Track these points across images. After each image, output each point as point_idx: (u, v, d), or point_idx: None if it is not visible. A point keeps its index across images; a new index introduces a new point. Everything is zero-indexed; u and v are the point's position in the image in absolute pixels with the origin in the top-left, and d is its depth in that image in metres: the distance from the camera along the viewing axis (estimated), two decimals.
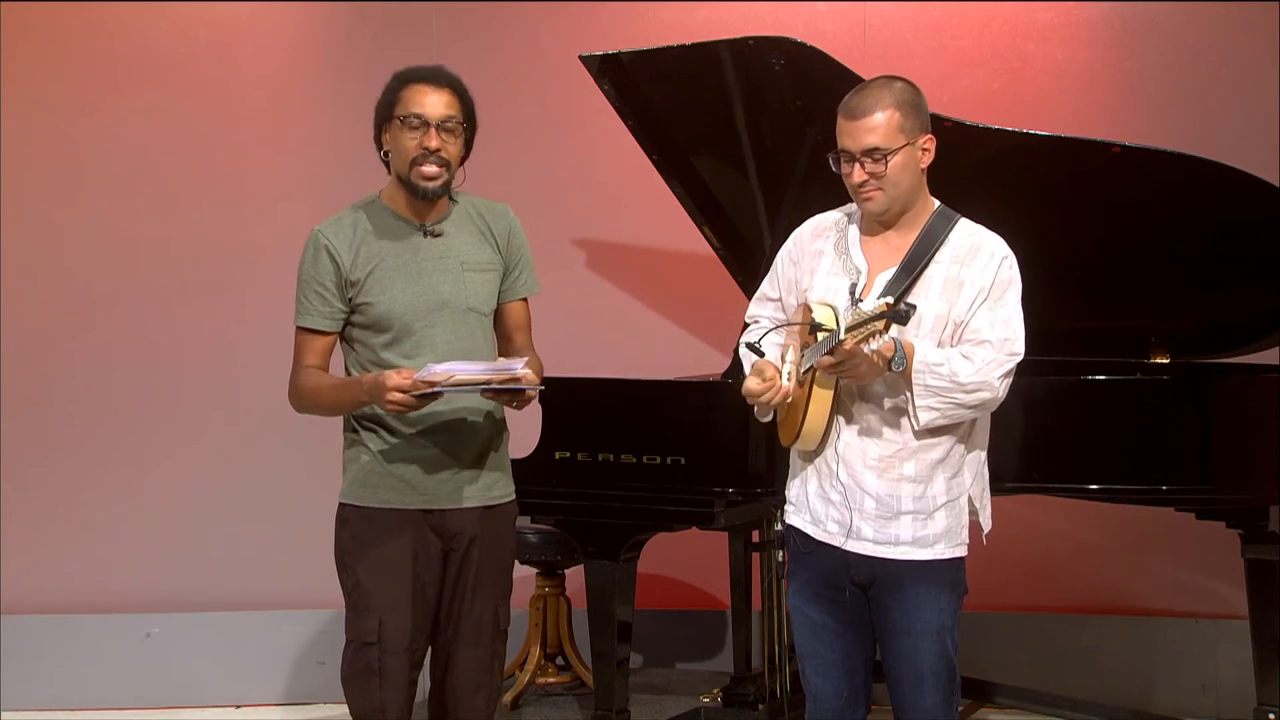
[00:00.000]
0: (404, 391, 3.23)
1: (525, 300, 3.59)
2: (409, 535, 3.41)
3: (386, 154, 3.45)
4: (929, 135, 3.19)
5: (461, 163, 3.44)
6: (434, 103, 3.36)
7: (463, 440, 3.43)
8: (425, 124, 3.35)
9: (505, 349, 3.54)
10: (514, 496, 3.59)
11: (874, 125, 3.12)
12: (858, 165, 3.14)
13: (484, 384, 3.28)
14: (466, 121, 3.41)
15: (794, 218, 3.58)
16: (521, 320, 3.59)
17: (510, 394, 3.34)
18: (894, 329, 3.03)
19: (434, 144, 3.35)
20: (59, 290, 5.72)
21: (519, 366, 3.31)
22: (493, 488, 3.51)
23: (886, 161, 3.12)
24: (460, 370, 3.26)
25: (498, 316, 3.54)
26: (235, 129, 5.74)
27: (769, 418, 3.33)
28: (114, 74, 5.74)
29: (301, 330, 3.46)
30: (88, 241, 5.72)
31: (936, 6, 5.57)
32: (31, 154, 5.70)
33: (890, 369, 3.05)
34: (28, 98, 5.69)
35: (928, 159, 3.20)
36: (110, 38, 5.75)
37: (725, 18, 5.46)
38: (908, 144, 3.14)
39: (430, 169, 3.36)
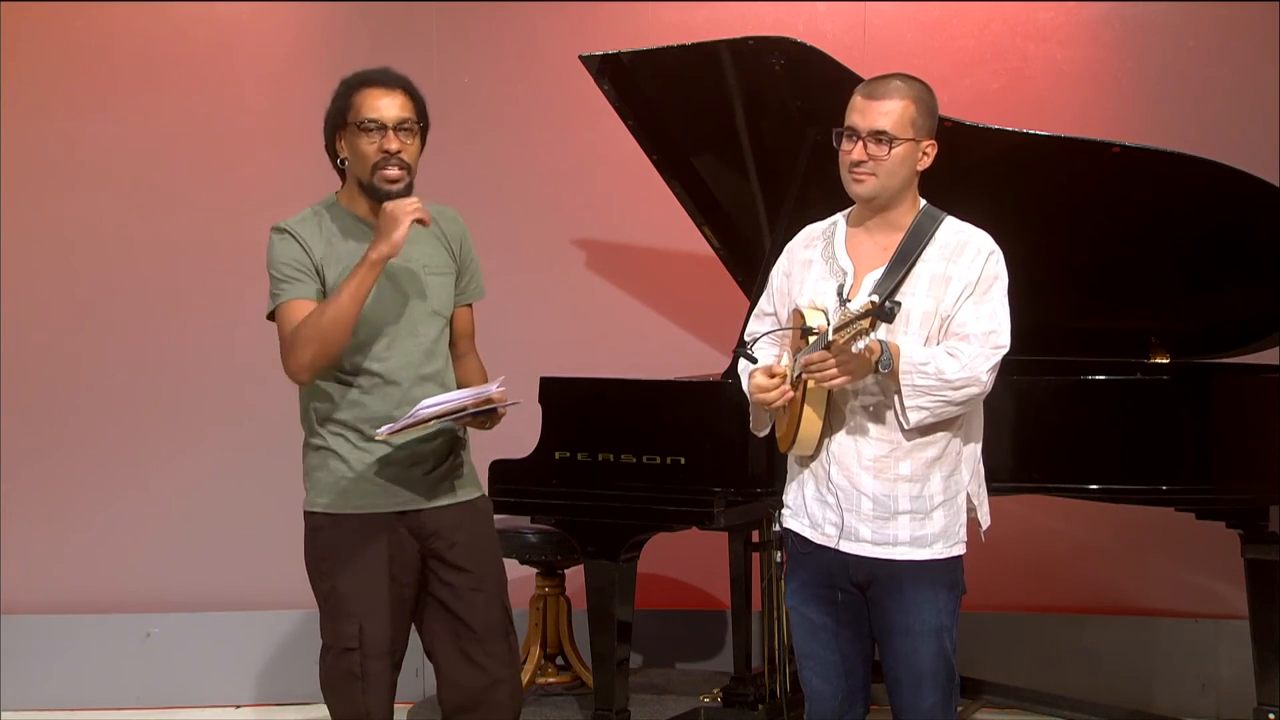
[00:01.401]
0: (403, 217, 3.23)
1: (471, 306, 3.61)
2: (384, 538, 3.41)
3: (343, 161, 3.43)
4: (933, 141, 3.21)
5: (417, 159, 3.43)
6: (388, 105, 3.35)
7: (430, 441, 3.43)
8: (382, 127, 3.34)
9: (450, 353, 3.56)
10: (484, 493, 3.60)
11: (889, 109, 3.14)
12: (860, 144, 3.15)
13: (461, 411, 3.31)
14: (421, 120, 3.41)
15: (794, 218, 3.57)
16: (467, 326, 3.61)
17: (484, 415, 3.37)
18: (882, 328, 3.04)
19: (394, 146, 3.33)
20: (59, 290, 5.72)
21: (494, 388, 3.34)
22: (464, 484, 3.52)
23: (891, 147, 3.13)
24: (449, 400, 3.29)
25: None
26: (235, 129, 5.74)
27: (765, 431, 3.34)
28: (114, 74, 5.74)
29: (285, 304, 3.36)
30: (88, 241, 5.71)
31: (936, 6, 5.57)
32: (31, 154, 5.69)
33: (878, 369, 3.05)
34: (28, 98, 5.69)
35: (925, 163, 3.21)
36: (110, 38, 5.75)
37: (725, 18, 5.46)
38: (914, 140, 3.16)
39: (393, 172, 3.34)
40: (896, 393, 3.11)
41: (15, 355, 5.67)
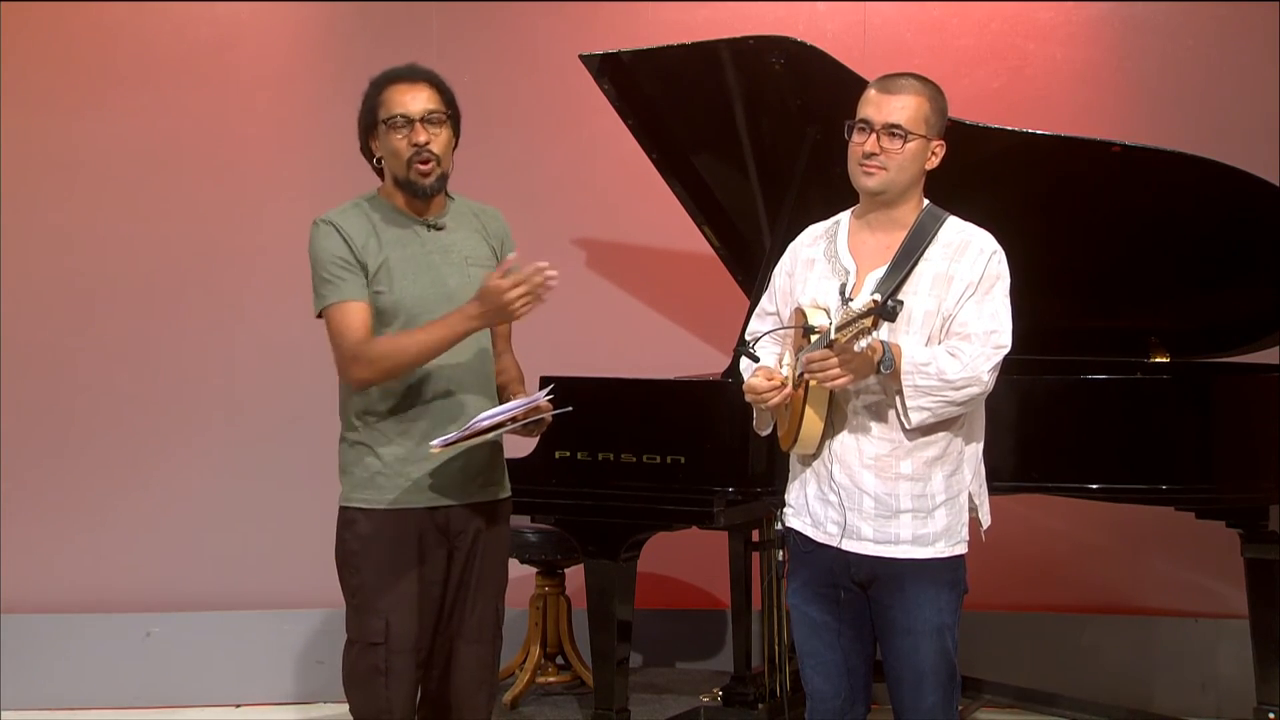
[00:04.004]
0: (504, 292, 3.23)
1: None
2: (416, 535, 3.42)
3: (379, 160, 3.47)
4: (942, 142, 3.22)
5: (453, 150, 3.45)
6: (414, 98, 3.39)
7: None
8: (410, 121, 3.37)
9: None
10: (510, 493, 3.61)
11: (904, 104, 3.16)
12: (874, 136, 3.16)
13: (513, 422, 3.34)
14: (450, 110, 3.44)
15: (794, 217, 3.57)
16: (505, 327, 3.62)
17: (533, 423, 3.39)
18: (884, 327, 3.04)
19: (423, 138, 3.37)
20: (59, 290, 5.72)
21: (542, 397, 3.37)
22: (493, 484, 3.53)
23: (905, 141, 3.14)
24: (501, 413, 3.31)
25: None
26: (235, 128, 5.75)
27: (768, 430, 3.34)
28: (114, 74, 5.74)
29: (336, 306, 3.37)
30: (88, 241, 5.72)
31: (936, 6, 5.57)
32: (31, 154, 5.70)
33: (879, 370, 3.06)
34: (28, 98, 5.69)
35: (933, 163, 3.22)
36: (110, 37, 5.75)
37: (725, 18, 5.46)
38: (925, 137, 3.17)
39: (424, 165, 3.38)
40: (898, 393, 3.11)
41: (15, 355, 5.67)
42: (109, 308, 5.72)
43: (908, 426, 3.13)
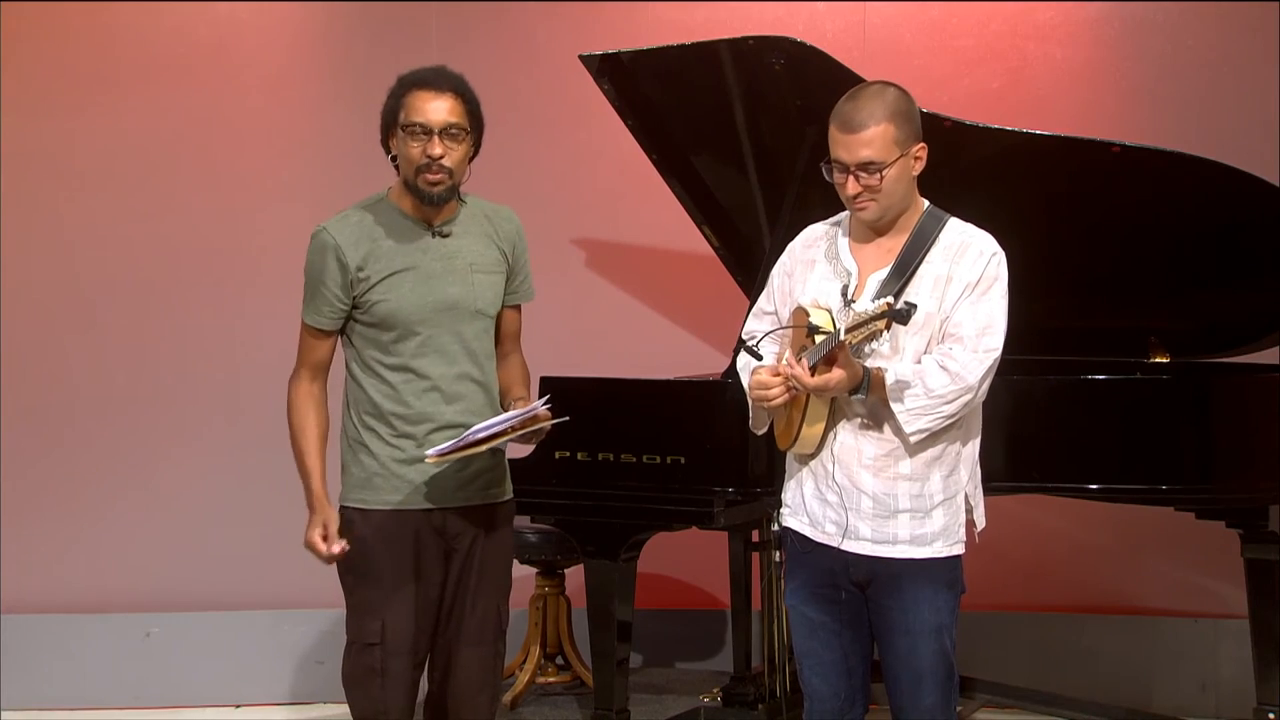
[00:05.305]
0: (314, 547, 3.41)
1: (519, 307, 3.61)
2: (413, 536, 3.42)
3: (395, 157, 3.45)
4: (921, 143, 3.18)
5: (470, 161, 3.43)
6: (436, 109, 3.35)
7: None
8: (428, 132, 3.34)
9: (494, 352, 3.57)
10: (512, 495, 3.60)
11: (869, 139, 3.10)
12: (851, 178, 3.13)
13: (510, 433, 3.33)
14: (471, 123, 3.40)
15: (794, 217, 3.56)
16: (514, 327, 3.61)
17: (531, 434, 3.40)
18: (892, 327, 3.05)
19: (437, 151, 3.34)
20: (59, 290, 5.72)
21: (540, 407, 3.36)
22: (493, 486, 3.52)
23: (882, 175, 3.11)
24: (497, 425, 3.30)
25: None
26: (235, 129, 5.74)
27: (764, 429, 3.34)
28: (114, 74, 5.74)
29: (307, 326, 3.47)
30: (88, 241, 5.72)
31: (936, 6, 5.57)
32: (31, 154, 5.70)
33: (852, 394, 3.08)
34: (28, 98, 5.70)
35: (920, 166, 3.19)
36: (110, 38, 5.75)
37: (725, 18, 5.46)
38: (902, 156, 3.13)
39: (434, 176, 3.35)
40: (892, 416, 3.11)
41: (15, 355, 5.67)
42: (109, 308, 5.72)
43: (910, 442, 3.13)
